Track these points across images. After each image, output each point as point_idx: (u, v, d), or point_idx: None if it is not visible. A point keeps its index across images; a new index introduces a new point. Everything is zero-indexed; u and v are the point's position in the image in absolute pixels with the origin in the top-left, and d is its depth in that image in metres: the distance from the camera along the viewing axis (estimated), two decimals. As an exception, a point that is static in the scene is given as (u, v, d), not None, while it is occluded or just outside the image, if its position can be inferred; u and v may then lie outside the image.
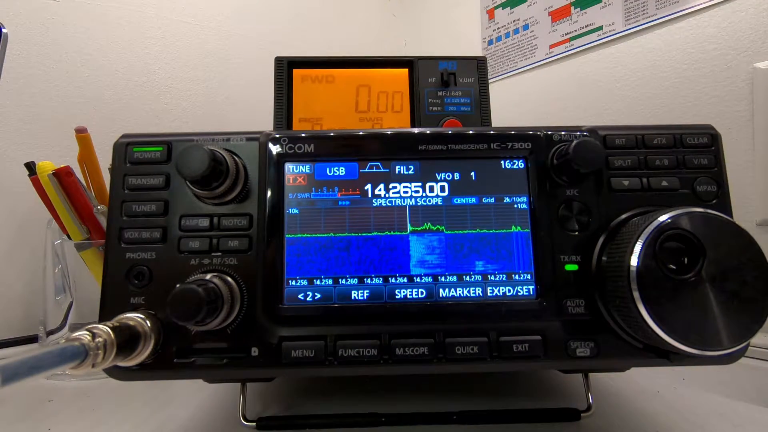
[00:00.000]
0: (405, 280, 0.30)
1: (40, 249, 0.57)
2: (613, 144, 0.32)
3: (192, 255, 0.30)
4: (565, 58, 0.82)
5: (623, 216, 0.30)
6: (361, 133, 0.32)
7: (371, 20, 1.13)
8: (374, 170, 0.31)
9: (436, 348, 0.29)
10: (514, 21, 0.91)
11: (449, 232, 0.30)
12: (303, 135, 0.32)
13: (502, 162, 0.31)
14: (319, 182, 0.31)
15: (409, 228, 0.31)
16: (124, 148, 0.31)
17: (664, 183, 0.31)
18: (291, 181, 0.31)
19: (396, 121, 0.54)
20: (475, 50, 0.99)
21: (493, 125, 0.55)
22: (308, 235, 0.30)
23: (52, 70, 0.71)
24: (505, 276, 0.30)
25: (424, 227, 0.31)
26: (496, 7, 0.95)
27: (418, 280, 0.30)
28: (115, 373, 0.28)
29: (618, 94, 0.73)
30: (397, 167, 0.31)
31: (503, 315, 0.29)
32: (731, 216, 0.30)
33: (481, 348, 0.29)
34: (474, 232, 0.30)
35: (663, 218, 0.26)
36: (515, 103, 0.90)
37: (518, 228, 0.30)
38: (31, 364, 0.17)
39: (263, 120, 0.56)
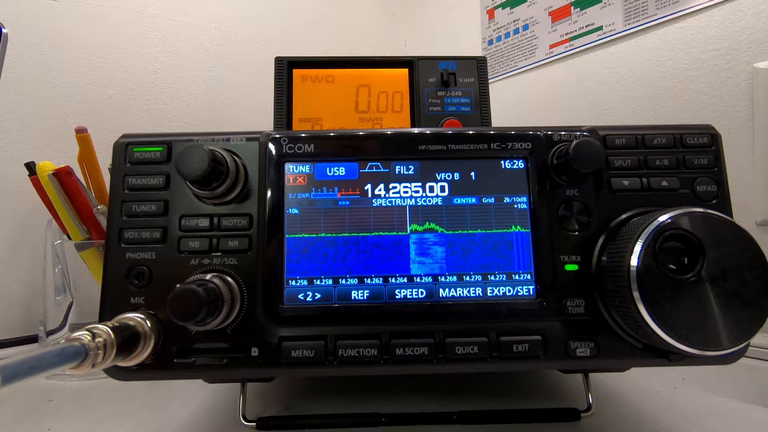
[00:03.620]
0: (405, 280, 0.30)
1: (40, 249, 0.57)
2: (613, 144, 0.32)
3: (192, 255, 0.30)
4: (565, 58, 0.82)
5: (623, 216, 0.30)
6: (361, 133, 0.32)
7: (371, 20, 1.13)
8: (374, 170, 0.31)
9: (436, 348, 0.29)
10: (514, 21, 0.91)
11: (449, 232, 0.30)
12: (303, 135, 0.32)
13: (502, 162, 0.31)
14: (319, 182, 0.31)
15: (409, 228, 0.31)
16: (124, 148, 0.31)
17: (664, 183, 0.31)
18: (291, 181, 0.31)
19: (396, 121, 0.54)
20: (475, 50, 0.99)
21: (493, 125, 0.55)
22: (308, 235, 0.30)
23: (52, 70, 0.71)
24: (505, 276, 0.30)
25: (424, 227, 0.31)
26: (496, 7, 0.95)
27: (418, 280, 0.30)
28: (115, 373, 0.28)
29: (618, 94, 0.73)
30: (397, 167, 0.31)
31: (503, 315, 0.29)
32: (731, 216, 0.30)
33: (481, 348, 0.29)
34: (474, 232, 0.30)
35: (663, 218, 0.26)
36: (515, 103, 0.90)
37: (518, 228, 0.30)
38: (31, 364, 0.17)
39: (263, 120, 0.56)
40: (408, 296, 0.30)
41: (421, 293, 0.30)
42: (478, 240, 0.30)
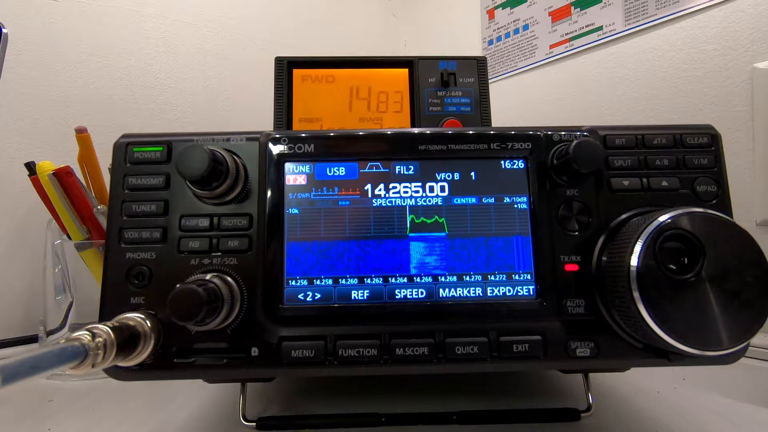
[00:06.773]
0: (405, 280, 0.30)
1: (40, 249, 0.57)
2: (613, 144, 0.32)
3: (192, 255, 0.30)
4: (565, 58, 0.82)
5: (623, 216, 0.30)
6: (361, 133, 0.32)
7: (371, 20, 1.13)
8: (374, 170, 0.31)
9: (436, 348, 0.29)
10: (514, 21, 0.91)
11: (449, 232, 0.30)
12: (303, 135, 0.32)
13: (502, 162, 0.31)
14: (319, 182, 0.31)
15: (409, 228, 0.31)
16: (124, 148, 0.31)
17: (664, 183, 0.31)
18: (291, 181, 0.31)
19: (396, 121, 0.54)
20: (475, 50, 0.99)
21: (493, 125, 0.55)
22: (308, 235, 0.30)
23: (52, 70, 0.71)
24: (505, 276, 0.30)
25: (424, 227, 0.31)
26: (496, 7, 0.95)
27: (418, 280, 0.30)
28: (115, 373, 0.28)
29: (618, 94, 0.73)
30: (397, 167, 0.31)
31: (503, 315, 0.29)
32: (731, 216, 0.30)
33: (481, 348, 0.29)
34: (474, 232, 0.30)
35: (663, 218, 0.26)
36: (515, 103, 0.90)
37: (518, 228, 0.30)
38: (31, 364, 0.17)
39: (263, 120, 0.56)
40: (408, 296, 0.30)
41: (421, 293, 0.30)
42: (478, 240, 0.30)
